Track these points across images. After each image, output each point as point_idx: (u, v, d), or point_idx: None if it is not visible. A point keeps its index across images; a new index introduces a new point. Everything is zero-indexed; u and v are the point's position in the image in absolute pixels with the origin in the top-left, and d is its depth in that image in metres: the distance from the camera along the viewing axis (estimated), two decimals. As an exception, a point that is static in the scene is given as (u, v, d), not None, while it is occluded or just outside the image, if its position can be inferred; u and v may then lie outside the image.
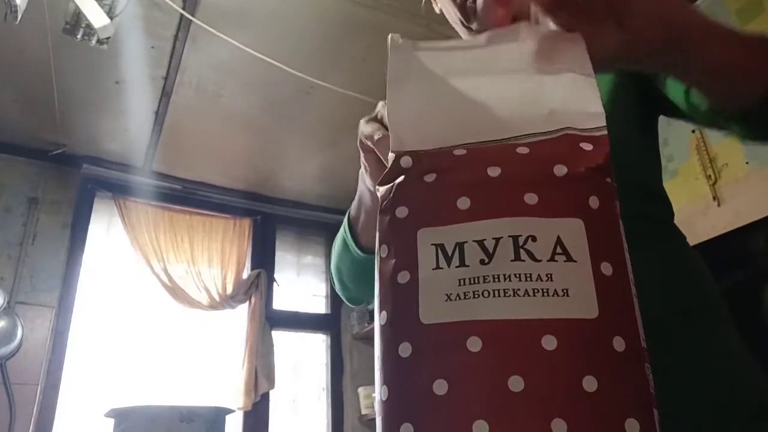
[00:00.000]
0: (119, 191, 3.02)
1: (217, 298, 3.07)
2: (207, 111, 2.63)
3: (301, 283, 3.51)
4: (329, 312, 3.48)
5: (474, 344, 0.30)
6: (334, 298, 3.51)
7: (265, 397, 3.01)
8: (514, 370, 0.28)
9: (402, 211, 0.34)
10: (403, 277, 0.33)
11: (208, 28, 2.07)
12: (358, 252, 0.63)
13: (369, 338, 3.33)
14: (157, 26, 2.15)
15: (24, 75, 2.36)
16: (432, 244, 0.33)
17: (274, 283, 3.33)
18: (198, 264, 3.11)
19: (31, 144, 2.81)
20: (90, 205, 3.00)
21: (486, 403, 0.28)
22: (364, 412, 3.16)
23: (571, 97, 0.34)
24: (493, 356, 0.29)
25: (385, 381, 0.31)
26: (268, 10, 2.10)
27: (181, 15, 2.05)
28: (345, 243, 0.66)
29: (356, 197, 0.63)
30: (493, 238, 0.31)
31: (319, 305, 3.51)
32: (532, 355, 0.29)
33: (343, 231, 0.67)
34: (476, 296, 0.30)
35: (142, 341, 2.88)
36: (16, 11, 1.74)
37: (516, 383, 0.28)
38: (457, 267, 0.32)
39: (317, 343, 3.42)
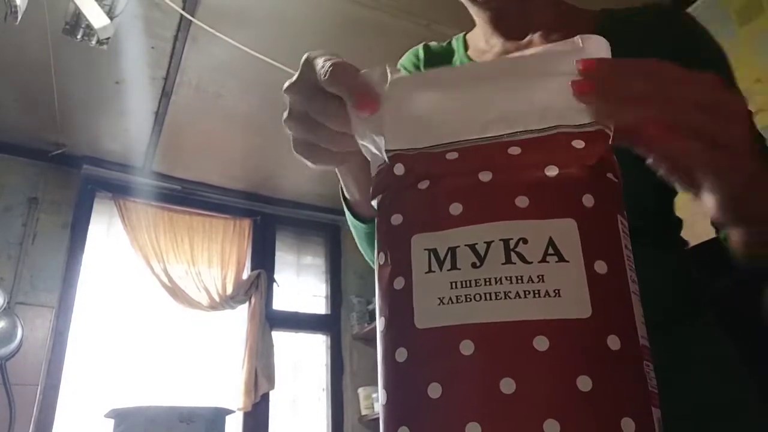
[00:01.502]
0: (119, 191, 3.03)
1: (217, 299, 3.07)
2: (207, 111, 2.63)
3: (301, 284, 3.51)
4: (329, 312, 3.48)
5: (466, 347, 0.30)
6: (334, 299, 3.51)
7: (265, 398, 3.01)
8: (505, 372, 0.29)
9: (397, 219, 0.35)
10: (399, 283, 0.33)
11: (208, 28, 2.07)
12: (361, 224, 0.59)
13: (369, 339, 3.33)
14: (157, 26, 2.15)
15: (24, 75, 2.36)
16: (425, 249, 0.33)
17: (274, 284, 3.33)
18: (198, 264, 3.11)
19: (31, 144, 2.81)
20: (90, 205, 3.00)
21: (478, 406, 0.29)
22: (364, 412, 3.16)
23: (563, 95, 0.34)
24: (485, 359, 0.29)
25: (384, 386, 0.32)
26: (268, 10, 2.10)
27: (181, 15, 2.05)
28: (353, 224, 0.62)
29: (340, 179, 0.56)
30: (484, 242, 0.32)
31: (319, 306, 3.51)
32: (524, 356, 0.29)
33: (346, 212, 0.62)
34: (468, 300, 0.31)
35: (142, 342, 2.89)
36: (16, 11, 1.74)
37: (507, 385, 0.28)
38: (449, 270, 0.32)
39: (317, 344, 3.41)
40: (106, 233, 3.04)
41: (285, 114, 0.44)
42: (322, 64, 0.40)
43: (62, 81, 2.35)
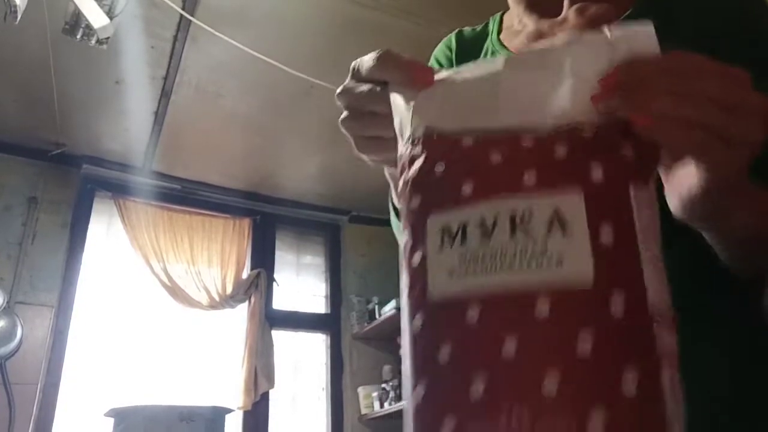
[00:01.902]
0: (119, 191, 3.03)
1: (217, 298, 3.08)
2: (207, 111, 2.63)
3: (301, 283, 3.52)
4: (329, 312, 3.48)
5: (472, 315, 0.32)
6: (333, 298, 3.51)
7: (265, 397, 3.01)
8: (506, 339, 0.31)
9: (416, 201, 0.38)
10: (417, 258, 0.36)
11: (207, 28, 2.07)
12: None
13: (368, 338, 3.33)
14: (156, 26, 2.15)
15: (24, 75, 2.36)
16: (439, 228, 0.36)
17: (274, 283, 3.33)
18: (198, 264, 3.11)
19: (31, 144, 2.82)
20: (90, 205, 3.00)
21: (482, 368, 0.31)
22: (363, 411, 3.17)
23: (583, 101, 0.35)
24: (489, 325, 0.32)
25: (406, 352, 0.36)
26: (268, 10, 2.10)
27: (181, 15, 2.06)
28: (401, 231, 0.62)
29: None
30: (492, 217, 0.34)
31: (318, 305, 3.51)
32: (525, 322, 0.30)
33: (393, 218, 0.62)
34: (475, 272, 0.33)
35: (141, 341, 2.89)
36: (15, 11, 1.74)
37: (509, 350, 0.30)
38: (459, 245, 0.34)
39: (317, 343, 3.42)
40: (106, 233, 3.04)
41: (342, 116, 0.46)
42: (368, 57, 0.42)
43: (62, 80, 2.35)
